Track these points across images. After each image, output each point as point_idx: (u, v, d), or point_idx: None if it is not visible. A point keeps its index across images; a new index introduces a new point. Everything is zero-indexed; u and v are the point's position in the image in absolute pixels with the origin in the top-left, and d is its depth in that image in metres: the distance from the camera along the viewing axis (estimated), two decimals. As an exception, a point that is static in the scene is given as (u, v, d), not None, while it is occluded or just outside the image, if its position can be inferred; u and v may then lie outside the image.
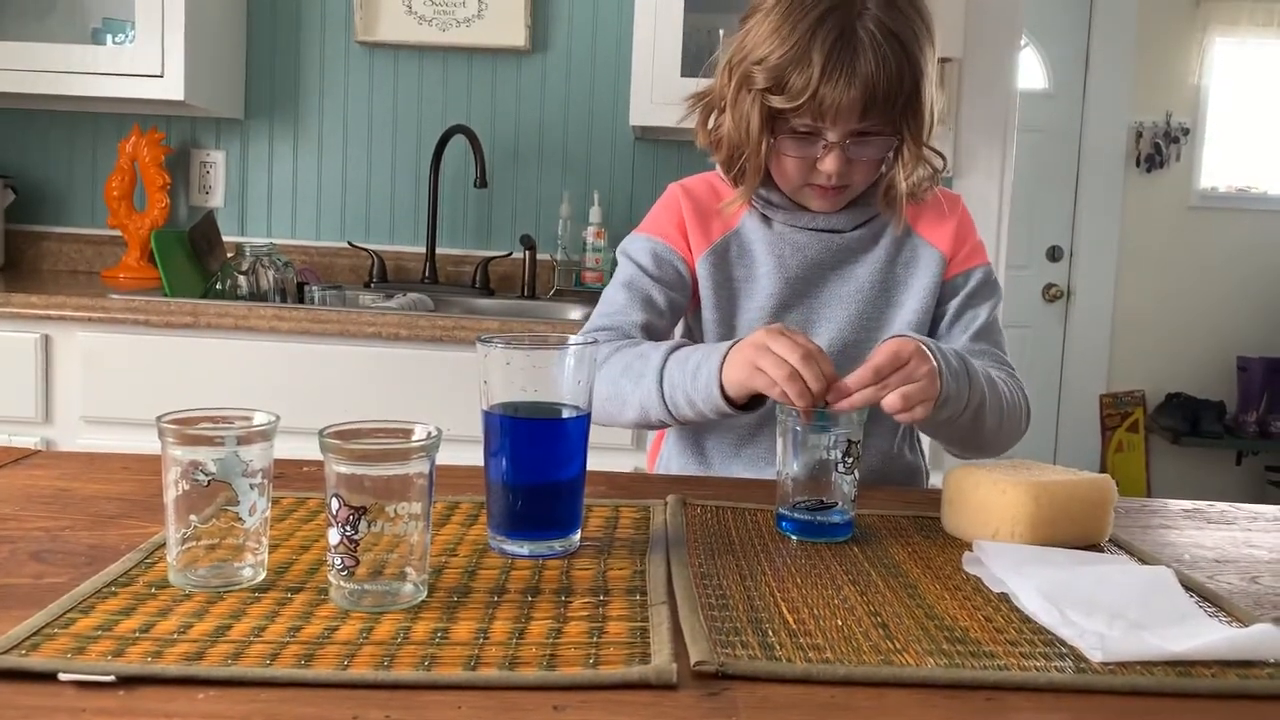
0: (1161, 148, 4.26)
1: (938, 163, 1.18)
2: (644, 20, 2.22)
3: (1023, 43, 2.75)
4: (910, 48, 1.07)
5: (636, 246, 1.25)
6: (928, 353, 0.96)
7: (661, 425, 1.16)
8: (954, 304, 1.23)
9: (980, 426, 1.08)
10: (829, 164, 1.11)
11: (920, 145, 1.14)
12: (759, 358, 0.94)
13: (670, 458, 1.30)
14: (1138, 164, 4.27)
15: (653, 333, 1.20)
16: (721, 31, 2.24)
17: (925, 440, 1.33)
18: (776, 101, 1.08)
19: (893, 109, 1.09)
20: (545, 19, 2.52)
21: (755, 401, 1.03)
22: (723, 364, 1.01)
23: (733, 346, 1.02)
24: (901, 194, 1.17)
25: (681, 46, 2.20)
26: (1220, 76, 4.30)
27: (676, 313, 1.24)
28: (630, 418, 1.13)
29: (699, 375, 1.03)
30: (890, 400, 0.92)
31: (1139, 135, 4.26)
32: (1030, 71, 4.20)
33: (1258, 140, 4.34)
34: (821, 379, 0.91)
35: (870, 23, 1.05)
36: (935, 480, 1.55)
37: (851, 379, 0.92)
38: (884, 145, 1.13)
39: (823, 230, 1.21)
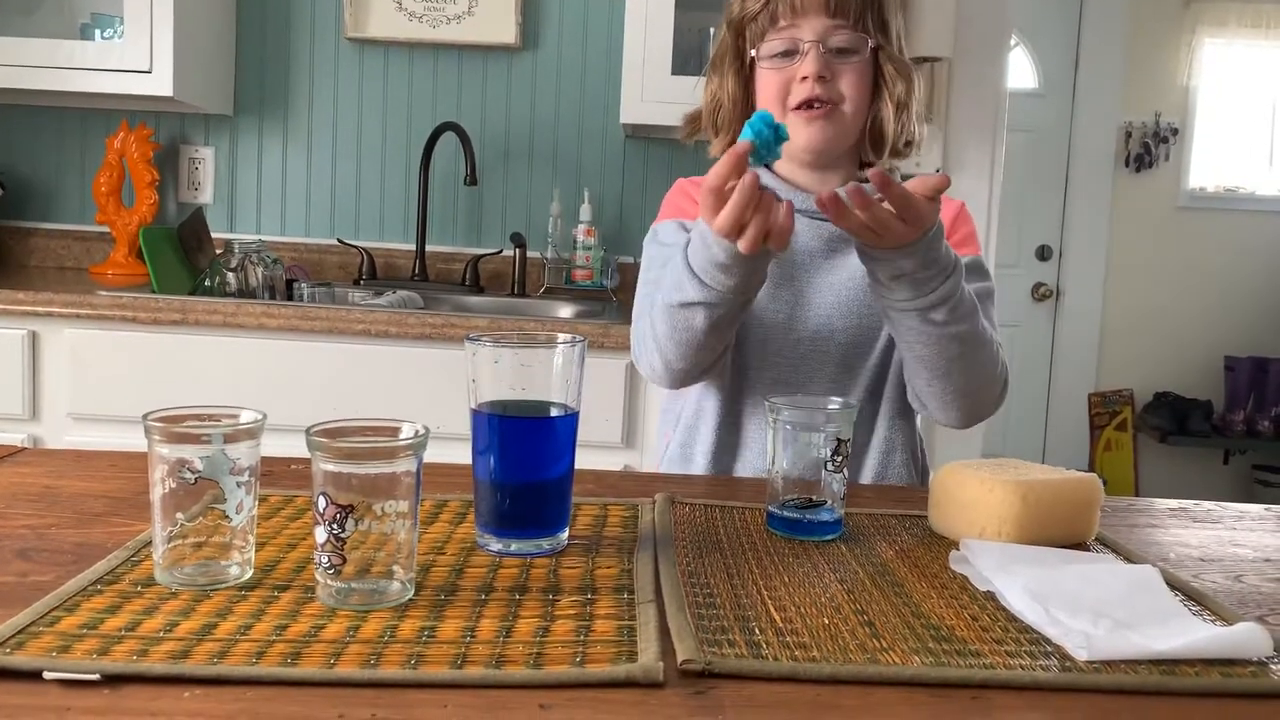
0: (1150, 148, 4.28)
1: (910, 72, 1.21)
2: (635, 18, 2.22)
3: (1012, 42, 2.75)
4: None
5: (662, 230, 1.28)
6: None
7: (721, 320, 1.08)
8: None
9: (963, 343, 1.08)
10: (808, 65, 1.15)
11: (895, 51, 1.19)
12: (708, 213, 0.98)
13: (671, 465, 1.31)
14: (1127, 164, 4.29)
15: None
16: (711, 30, 2.25)
17: (924, 453, 1.32)
18: (749, 3, 1.18)
19: (859, 9, 1.16)
20: (536, 16, 2.51)
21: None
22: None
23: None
24: (889, 131, 1.21)
25: (672, 45, 2.21)
26: (1209, 77, 4.32)
27: None
28: (700, 323, 1.08)
29: (707, 241, 1.02)
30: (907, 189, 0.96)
31: (1128, 135, 4.28)
32: (1020, 71, 4.22)
33: (1245, 141, 4.37)
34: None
35: None
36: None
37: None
38: (859, 47, 1.17)
39: (816, 216, 1.21)
